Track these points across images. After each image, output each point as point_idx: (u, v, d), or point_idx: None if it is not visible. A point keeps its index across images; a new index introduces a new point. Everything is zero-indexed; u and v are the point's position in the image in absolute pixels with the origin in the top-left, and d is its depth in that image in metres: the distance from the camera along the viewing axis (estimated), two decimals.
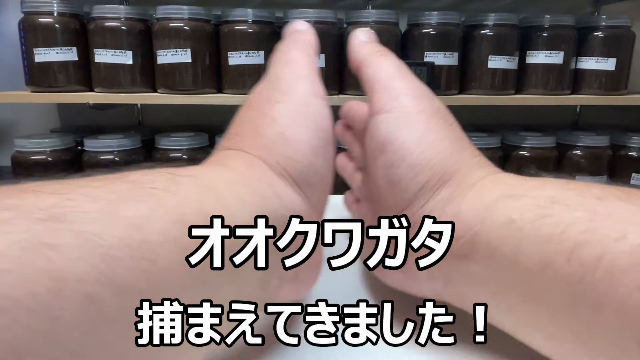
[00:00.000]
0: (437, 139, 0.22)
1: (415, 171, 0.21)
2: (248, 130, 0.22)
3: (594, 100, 1.14)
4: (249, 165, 0.21)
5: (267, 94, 0.23)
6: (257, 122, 0.22)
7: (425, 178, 0.21)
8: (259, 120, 0.22)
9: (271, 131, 0.21)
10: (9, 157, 1.03)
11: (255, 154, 0.21)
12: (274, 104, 0.22)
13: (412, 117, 0.22)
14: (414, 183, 0.21)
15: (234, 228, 0.17)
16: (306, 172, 0.21)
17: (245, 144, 0.21)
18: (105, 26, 0.99)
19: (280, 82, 0.23)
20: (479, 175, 0.21)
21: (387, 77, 0.24)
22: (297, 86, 0.22)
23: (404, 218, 0.19)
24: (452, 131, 0.23)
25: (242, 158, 0.21)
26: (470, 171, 0.22)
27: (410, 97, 0.23)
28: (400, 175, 0.21)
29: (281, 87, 0.22)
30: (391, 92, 0.23)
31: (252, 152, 0.21)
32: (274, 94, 0.22)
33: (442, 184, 0.21)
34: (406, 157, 0.21)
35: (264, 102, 0.22)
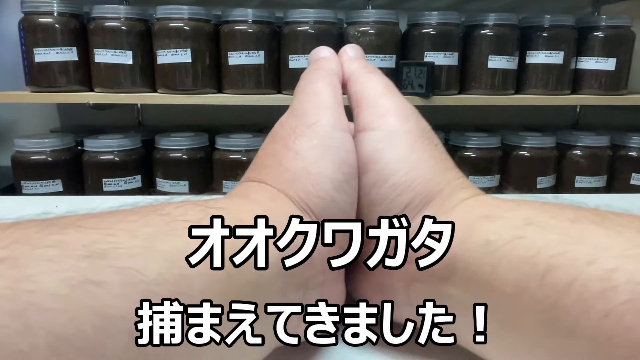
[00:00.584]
0: (421, 159, 0.22)
1: (398, 191, 0.21)
2: (272, 162, 0.22)
3: (594, 100, 1.13)
4: (272, 199, 0.21)
5: (291, 126, 0.22)
6: (280, 155, 0.22)
7: (408, 199, 0.21)
8: (282, 153, 0.22)
9: (294, 165, 0.21)
10: (9, 157, 1.03)
11: (279, 188, 0.21)
12: (297, 137, 0.22)
13: (398, 136, 0.22)
14: (397, 204, 0.21)
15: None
16: (328, 207, 0.21)
17: (269, 177, 0.21)
18: (105, 26, 0.99)
19: (305, 115, 0.23)
20: (462, 197, 0.21)
21: (375, 94, 0.24)
22: (321, 119, 0.22)
23: (404, 218, 0.19)
24: (437, 152, 0.23)
25: (266, 192, 0.21)
26: (453, 193, 0.21)
27: (397, 116, 0.23)
28: (383, 195, 0.21)
29: (305, 120, 0.22)
30: (378, 110, 0.23)
31: (275, 185, 0.21)
32: (298, 127, 0.22)
33: (425, 205, 0.21)
34: (390, 176, 0.21)
35: (288, 135, 0.22)
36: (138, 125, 1.33)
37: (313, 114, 0.22)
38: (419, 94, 1.04)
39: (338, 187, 0.21)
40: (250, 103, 1.03)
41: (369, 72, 0.25)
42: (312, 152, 0.21)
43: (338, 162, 0.21)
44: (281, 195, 0.21)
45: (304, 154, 0.21)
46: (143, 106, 1.33)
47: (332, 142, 0.22)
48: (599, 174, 1.16)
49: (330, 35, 1.02)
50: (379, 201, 0.21)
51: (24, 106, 1.30)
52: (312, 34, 1.01)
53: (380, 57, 1.03)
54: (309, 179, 0.21)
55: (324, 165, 0.21)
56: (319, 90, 0.23)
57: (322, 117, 0.22)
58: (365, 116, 0.23)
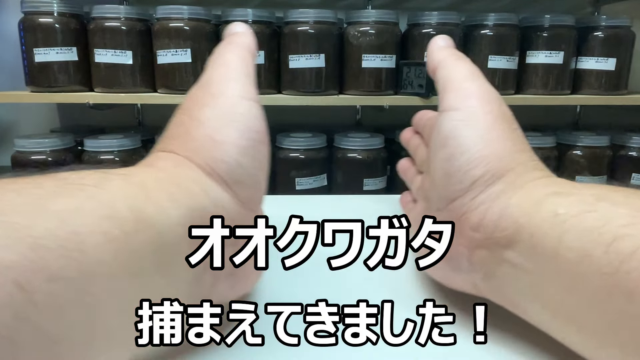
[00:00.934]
0: (497, 138, 0.23)
1: (471, 165, 0.22)
2: (179, 133, 0.23)
3: (594, 100, 1.13)
4: (177, 164, 0.21)
5: (198, 97, 0.23)
6: (187, 125, 0.23)
7: (480, 172, 0.22)
8: (189, 123, 0.23)
9: (199, 133, 0.22)
10: (9, 157, 1.03)
11: (185, 155, 0.22)
12: (202, 107, 0.23)
13: (478, 116, 0.23)
14: (469, 176, 0.22)
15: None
16: (234, 172, 0.21)
17: (176, 146, 0.22)
18: (105, 26, 0.99)
19: (211, 85, 0.23)
20: (533, 176, 0.22)
21: (460, 78, 0.25)
22: (227, 89, 0.23)
23: (404, 218, 0.19)
24: (514, 135, 0.24)
25: (172, 159, 0.22)
26: (525, 172, 0.22)
27: (480, 99, 0.24)
28: (457, 167, 0.23)
29: (211, 90, 0.23)
30: (462, 92, 0.24)
31: (181, 153, 0.22)
32: (204, 97, 0.23)
33: (495, 180, 0.22)
34: (465, 151, 0.23)
35: (194, 105, 0.23)
36: (138, 125, 1.33)
37: (218, 84, 0.23)
38: (419, 94, 1.04)
39: (243, 152, 0.22)
40: None
41: (457, 59, 0.26)
42: (217, 121, 0.22)
43: (242, 129, 0.22)
44: (187, 161, 0.21)
45: (208, 122, 0.22)
46: (143, 106, 1.33)
47: (236, 109, 0.22)
48: (599, 174, 1.16)
49: (330, 35, 1.02)
50: (453, 172, 0.23)
51: (24, 106, 1.30)
52: (312, 34, 1.01)
53: (380, 57, 1.03)
54: (214, 145, 0.21)
55: (227, 132, 0.22)
56: (227, 62, 0.24)
57: (227, 87, 0.23)
58: (449, 98, 0.24)
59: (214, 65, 0.24)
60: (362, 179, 1.07)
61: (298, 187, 1.05)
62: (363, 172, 1.07)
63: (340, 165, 1.07)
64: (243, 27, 0.27)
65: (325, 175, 1.08)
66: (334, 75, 1.05)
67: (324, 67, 1.02)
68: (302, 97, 1.04)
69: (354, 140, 1.06)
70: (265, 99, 1.04)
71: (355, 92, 1.06)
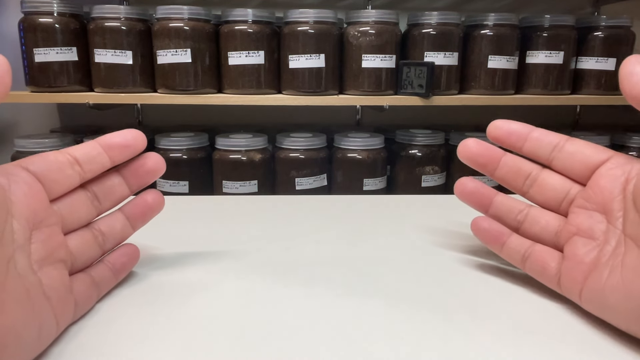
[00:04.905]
0: None
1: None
2: None
3: (594, 100, 1.13)
4: None
5: None
6: None
7: None
8: None
9: None
10: (9, 157, 1.03)
11: None
12: None
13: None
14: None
15: None
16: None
17: None
18: (105, 26, 0.99)
19: None
20: None
21: None
22: None
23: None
24: None
25: None
26: None
27: None
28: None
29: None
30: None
31: None
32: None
33: None
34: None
35: None
36: (138, 125, 1.33)
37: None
38: (419, 94, 1.04)
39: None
40: (250, 103, 1.03)
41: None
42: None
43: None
44: None
45: None
46: (143, 106, 1.33)
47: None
48: None
49: (330, 35, 1.02)
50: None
51: (24, 106, 1.30)
52: (312, 34, 1.01)
53: (380, 57, 1.03)
54: None
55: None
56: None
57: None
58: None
59: None
60: (362, 179, 1.07)
61: (298, 187, 1.05)
62: (363, 172, 1.07)
63: (340, 165, 1.07)
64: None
65: (325, 175, 1.07)
66: (334, 75, 1.05)
67: (323, 67, 1.02)
68: (302, 97, 1.04)
69: (354, 140, 1.06)
70: (265, 99, 1.04)
71: (355, 92, 1.06)
